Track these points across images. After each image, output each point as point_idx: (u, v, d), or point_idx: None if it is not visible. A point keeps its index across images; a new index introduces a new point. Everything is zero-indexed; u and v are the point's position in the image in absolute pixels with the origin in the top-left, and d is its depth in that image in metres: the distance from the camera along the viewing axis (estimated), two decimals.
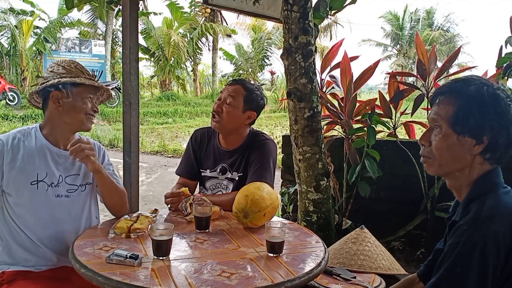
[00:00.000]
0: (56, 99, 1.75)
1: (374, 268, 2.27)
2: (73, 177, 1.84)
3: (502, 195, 1.24)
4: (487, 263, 1.14)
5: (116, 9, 4.81)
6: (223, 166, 2.27)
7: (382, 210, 3.48)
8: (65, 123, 1.79)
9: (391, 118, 3.25)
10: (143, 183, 6.23)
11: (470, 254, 1.16)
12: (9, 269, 1.71)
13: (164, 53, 20.46)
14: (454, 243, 1.20)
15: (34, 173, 1.74)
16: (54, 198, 1.78)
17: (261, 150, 2.21)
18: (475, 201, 1.24)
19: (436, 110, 1.30)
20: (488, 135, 1.22)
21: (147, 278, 1.36)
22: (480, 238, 1.16)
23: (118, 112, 12.37)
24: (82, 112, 1.78)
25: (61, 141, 1.82)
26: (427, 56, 3.12)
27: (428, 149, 1.32)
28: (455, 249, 1.19)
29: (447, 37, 32.01)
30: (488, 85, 1.25)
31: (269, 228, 1.56)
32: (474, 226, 1.19)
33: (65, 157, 1.81)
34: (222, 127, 2.23)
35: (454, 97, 1.27)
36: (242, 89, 2.22)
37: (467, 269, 1.15)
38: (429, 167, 1.34)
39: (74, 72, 1.78)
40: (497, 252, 1.14)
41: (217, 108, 2.21)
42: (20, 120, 12.07)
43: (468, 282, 1.15)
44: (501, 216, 1.19)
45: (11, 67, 17.41)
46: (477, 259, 1.14)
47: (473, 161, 1.26)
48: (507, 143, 1.24)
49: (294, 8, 2.50)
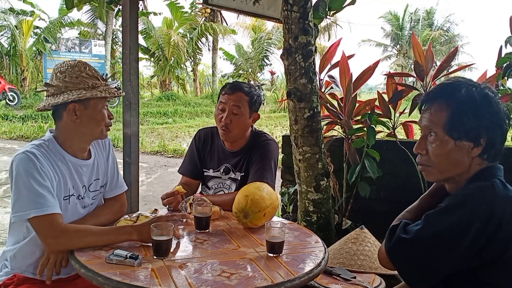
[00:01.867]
0: (72, 111, 1.69)
1: (374, 268, 2.27)
2: (95, 183, 1.85)
3: (503, 184, 1.26)
4: (472, 224, 1.16)
5: (116, 9, 4.80)
6: (227, 167, 2.29)
7: (382, 210, 3.47)
8: (82, 134, 1.74)
9: (390, 118, 3.25)
10: (143, 183, 6.23)
11: (461, 208, 1.19)
12: (22, 274, 1.70)
13: (164, 53, 20.46)
14: (454, 194, 1.26)
15: (66, 188, 1.72)
16: (82, 210, 1.79)
17: (263, 151, 2.23)
18: (480, 180, 1.26)
19: (428, 117, 1.29)
20: (485, 137, 1.23)
21: (147, 278, 1.36)
22: (476, 200, 1.19)
23: (118, 112, 12.41)
24: (102, 123, 1.76)
25: (79, 151, 1.78)
26: (424, 56, 3.12)
27: (425, 157, 1.32)
28: (451, 199, 1.24)
29: (447, 37, 32.01)
30: (476, 86, 1.26)
31: (269, 228, 1.56)
32: (477, 189, 1.21)
33: (86, 166, 1.80)
34: (234, 137, 2.25)
35: (446, 103, 1.26)
36: (244, 95, 2.22)
37: (451, 219, 1.19)
38: (429, 175, 1.34)
39: (91, 81, 1.70)
40: (486, 221, 1.15)
41: (225, 121, 2.19)
42: (20, 120, 12.07)
43: (446, 229, 1.19)
44: (505, 196, 1.21)
45: (11, 67, 17.42)
46: (464, 215, 1.17)
47: (472, 163, 1.27)
48: (502, 140, 1.26)
49: (294, 8, 2.50)
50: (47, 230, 1.58)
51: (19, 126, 11.26)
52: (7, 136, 10.27)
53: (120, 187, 1.98)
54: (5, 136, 10.29)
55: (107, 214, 1.87)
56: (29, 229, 1.67)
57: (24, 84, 17.46)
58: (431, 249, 1.21)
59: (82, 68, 1.72)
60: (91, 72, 1.74)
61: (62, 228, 1.59)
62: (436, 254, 1.19)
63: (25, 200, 1.57)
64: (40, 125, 11.06)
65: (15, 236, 1.73)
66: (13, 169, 1.61)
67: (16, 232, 1.73)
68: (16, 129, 10.78)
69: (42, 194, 1.58)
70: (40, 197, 1.57)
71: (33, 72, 17.95)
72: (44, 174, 1.61)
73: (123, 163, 2.94)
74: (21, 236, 1.71)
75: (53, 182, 1.64)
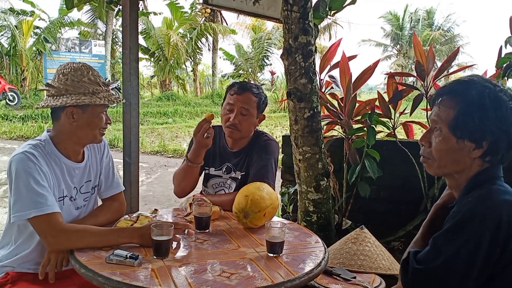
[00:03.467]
0: (70, 114, 1.69)
1: (374, 268, 2.27)
2: (86, 185, 1.85)
3: (503, 188, 1.25)
4: (483, 236, 1.14)
5: (116, 9, 4.80)
6: (228, 166, 2.30)
7: (382, 210, 3.48)
8: (78, 137, 1.75)
9: (390, 118, 3.25)
10: (143, 183, 6.23)
11: (468, 223, 1.17)
12: (14, 270, 1.71)
13: (164, 53, 20.46)
14: (455, 211, 1.22)
15: (60, 189, 1.73)
16: (75, 211, 1.80)
17: (264, 150, 2.23)
18: (476, 189, 1.25)
19: (437, 111, 1.30)
20: (488, 141, 1.23)
21: (147, 278, 1.36)
22: (481, 212, 1.17)
23: (118, 112, 12.40)
24: (97, 128, 1.75)
25: (73, 153, 1.78)
26: (425, 56, 3.12)
27: (428, 150, 1.33)
28: (455, 217, 1.21)
29: (447, 37, 32.01)
30: (491, 88, 1.24)
31: (269, 228, 1.56)
32: (478, 200, 1.20)
33: (78, 168, 1.80)
34: (241, 136, 2.26)
35: (455, 100, 1.26)
36: (253, 96, 2.23)
37: (461, 236, 1.16)
38: (429, 168, 1.35)
39: (91, 86, 1.70)
40: (496, 230, 1.14)
41: (233, 121, 2.19)
42: (20, 120, 12.06)
43: (459, 249, 1.16)
44: (508, 201, 1.20)
45: (11, 67, 17.42)
46: (473, 229, 1.15)
47: (472, 164, 1.27)
48: (508, 146, 1.24)
49: (294, 8, 2.50)
50: (47, 229, 1.58)
51: (19, 126, 11.25)
52: (7, 136, 10.27)
53: (116, 187, 1.97)
54: (5, 136, 10.28)
55: (106, 214, 1.88)
56: (24, 228, 1.69)
57: (24, 84, 17.46)
58: (448, 274, 1.18)
59: (85, 73, 1.72)
60: (94, 77, 1.73)
61: (62, 227, 1.60)
62: (455, 278, 1.17)
63: (25, 200, 1.58)
64: (40, 125, 11.06)
65: (8, 237, 1.74)
66: (12, 169, 1.61)
67: (10, 233, 1.74)
68: (16, 129, 10.77)
69: (42, 193, 1.58)
70: (40, 196, 1.58)
71: (33, 72, 17.95)
72: (43, 174, 1.62)
73: (123, 163, 2.94)
74: (16, 236, 1.72)
75: (50, 183, 1.66)
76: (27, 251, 1.71)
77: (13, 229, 1.73)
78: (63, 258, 1.63)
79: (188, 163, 2.14)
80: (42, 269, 1.63)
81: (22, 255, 1.71)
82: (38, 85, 17.34)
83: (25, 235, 1.71)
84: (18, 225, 1.70)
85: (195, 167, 2.16)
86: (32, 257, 1.71)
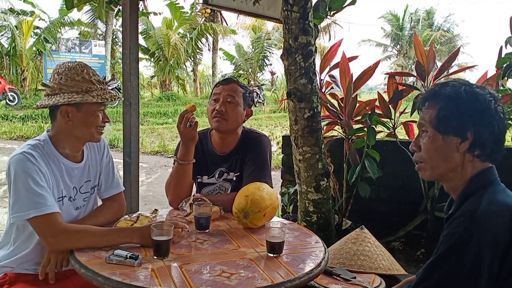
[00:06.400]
0: (65, 113, 1.69)
1: (374, 269, 2.27)
2: (86, 185, 1.85)
3: (498, 192, 1.26)
4: (483, 254, 1.14)
5: (116, 9, 4.79)
6: (221, 171, 2.22)
7: (382, 210, 3.48)
8: (75, 136, 1.74)
9: (390, 118, 3.25)
10: (143, 183, 6.23)
11: (467, 244, 1.16)
12: (13, 271, 1.71)
13: (164, 53, 20.46)
14: (450, 233, 1.20)
15: (59, 189, 1.72)
16: (75, 211, 1.80)
17: (256, 149, 2.18)
18: (472, 196, 1.26)
19: (421, 115, 1.35)
20: (471, 131, 1.25)
21: (147, 278, 1.36)
22: (478, 230, 1.17)
23: (118, 112, 12.38)
24: (93, 126, 1.74)
25: (72, 152, 1.78)
26: (425, 56, 3.12)
27: (419, 154, 1.36)
28: (451, 238, 1.20)
29: (447, 37, 32.01)
30: (466, 85, 1.29)
31: (269, 228, 1.56)
32: (472, 219, 1.19)
33: (77, 168, 1.80)
34: (227, 127, 2.15)
35: (435, 101, 1.31)
36: (239, 87, 2.19)
37: (462, 258, 1.15)
38: (424, 172, 1.37)
39: (85, 85, 1.70)
40: (494, 246, 1.14)
41: (219, 108, 2.12)
42: (20, 120, 12.06)
43: (461, 271, 1.15)
44: (499, 211, 1.20)
45: (11, 67, 17.42)
46: (473, 250, 1.15)
47: (464, 160, 1.29)
48: (495, 138, 1.26)
49: (294, 8, 2.50)
50: (47, 229, 1.58)
51: (19, 126, 11.25)
52: (7, 136, 10.27)
53: (116, 187, 1.97)
54: (5, 136, 10.28)
55: (106, 214, 1.87)
56: (23, 229, 1.68)
57: (24, 84, 17.46)
58: None
59: (80, 71, 1.72)
60: (88, 75, 1.72)
61: (61, 228, 1.59)
62: None
63: (24, 200, 1.58)
64: (40, 125, 11.06)
65: (7, 237, 1.74)
66: (11, 170, 1.61)
67: (9, 233, 1.73)
68: (16, 129, 10.77)
69: (41, 194, 1.58)
70: (39, 197, 1.58)
71: (33, 72, 17.94)
72: (42, 174, 1.62)
73: (123, 163, 2.94)
74: (15, 236, 1.72)
75: (49, 183, 1.65)
76: (26, 251, 1.71)
77: (12, 229, 1.73)
78: (63, 258, 1.63)
79: (179, 161, 2.08)
80: (42, 269, 1.63)
81: (21, 255, 1.71)
82: (38, 85, 17.33)
83: (24, 236, 1.71)
84: (17, 226, 1.70)
85: (187, 165, 2.09)
86: (31, 257, 1.71)
